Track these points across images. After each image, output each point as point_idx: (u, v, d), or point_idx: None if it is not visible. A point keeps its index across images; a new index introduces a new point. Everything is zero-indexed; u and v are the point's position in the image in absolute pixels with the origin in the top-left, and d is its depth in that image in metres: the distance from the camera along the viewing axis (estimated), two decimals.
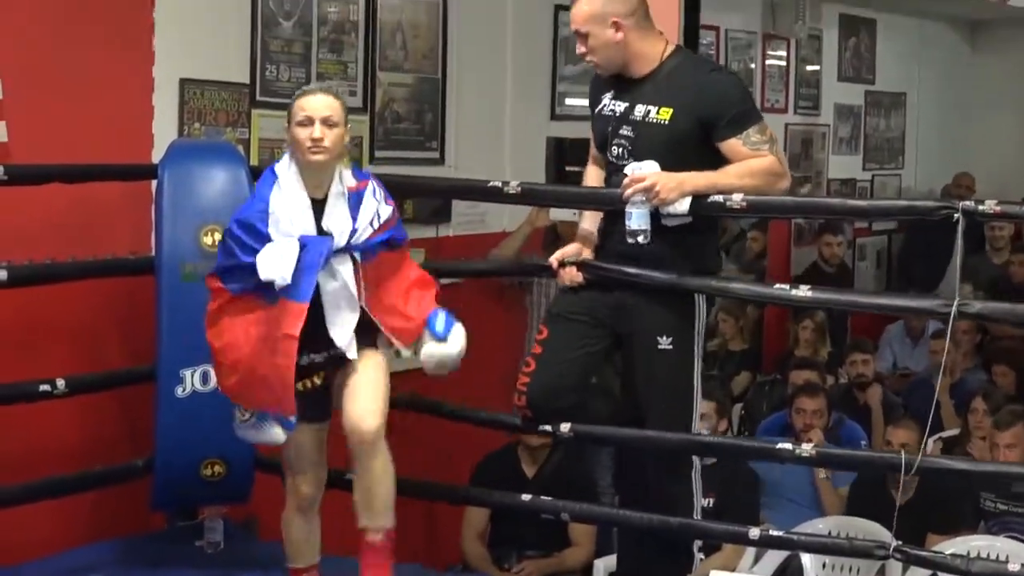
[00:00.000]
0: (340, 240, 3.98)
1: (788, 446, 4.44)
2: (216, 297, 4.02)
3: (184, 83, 5.38)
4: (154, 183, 4.82)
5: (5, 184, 4.37)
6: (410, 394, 4.86)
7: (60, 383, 4.58)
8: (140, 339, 4.86)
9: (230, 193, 4.70)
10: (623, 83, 4.40)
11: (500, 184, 4.59)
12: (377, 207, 4.08)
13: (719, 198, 4.19)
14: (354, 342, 4.03)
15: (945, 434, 7.07)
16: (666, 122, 4.26)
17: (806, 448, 4.39)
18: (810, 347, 8.43)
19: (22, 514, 4.65)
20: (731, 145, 4.21)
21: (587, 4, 4.31)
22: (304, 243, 3.92)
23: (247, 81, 5.67)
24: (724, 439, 5.38)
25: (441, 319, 4.09)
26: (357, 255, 4.04)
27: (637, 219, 4.18)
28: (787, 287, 4.27)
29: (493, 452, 6.04)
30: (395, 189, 4.32)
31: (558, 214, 5.87)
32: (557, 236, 6.68)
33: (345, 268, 4.00)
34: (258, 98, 5.68)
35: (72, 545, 4.86)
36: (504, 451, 6.01)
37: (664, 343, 4.33)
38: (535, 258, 6.51)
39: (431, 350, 4.08)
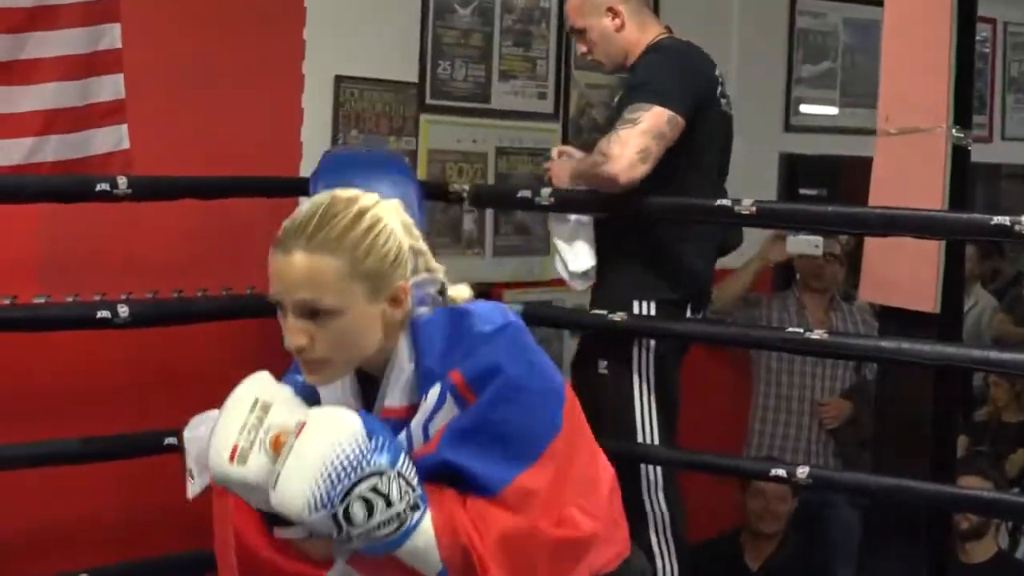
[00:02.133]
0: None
1: None
2: None
3: (340, 81, 5.43)
4: (302, 200, 4.85)
5: (128, 199, 4.40)
6: None
7: None
8: None
9: None
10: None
11: (729, 203, 4.52)
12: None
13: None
14: None
15: None
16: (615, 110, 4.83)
17: None
18: None
19: None
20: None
21: None
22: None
23: (415, 80, 5.71)
24: (1001, 495, 5.19)
25: None
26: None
27: None
28: None
29: (711, 539, 5.96)
30: (583, 209, 4.35)
31: (797, 247, 5.77)
32: (792, 273, 6.61)
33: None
34: (428, 100, 5.72)
35: None
36: (724, 539, 5.94)
37: (602, 367, 4.74)
38: (763, 300, 6.46)
39: None
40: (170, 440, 4.55)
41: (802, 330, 4.77)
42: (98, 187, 4.35)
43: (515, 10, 6.02)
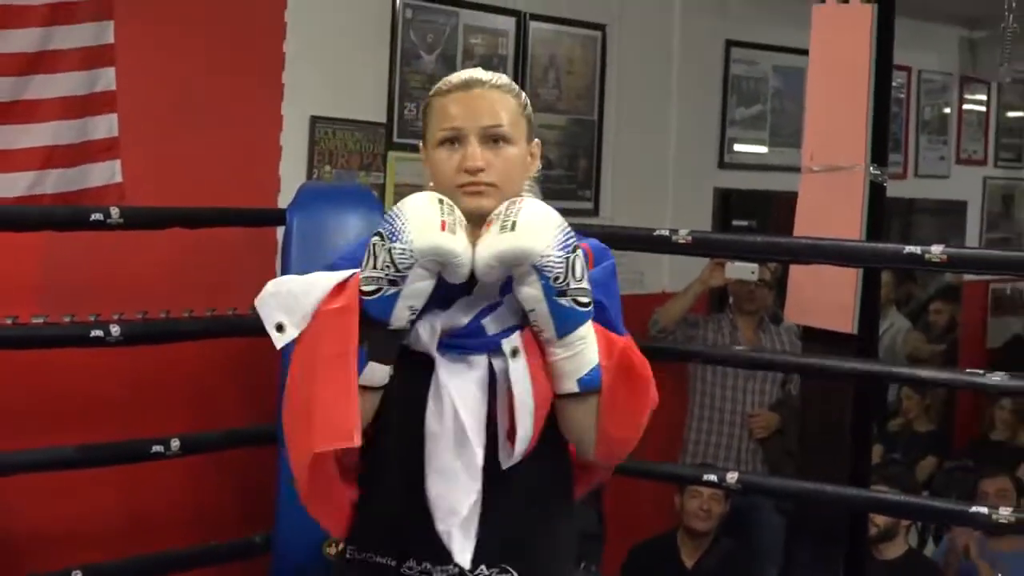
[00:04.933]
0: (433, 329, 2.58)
1: (983, 510, 4.27)
2: None
3: (315, 121, 5.41)
4: (281, 230, 4.85)
5: (120, 228, 4.38)
6: None
7: (174, 443, 4.59)
8: (262, 401, 4.87)
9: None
10: None
11: (668, 233, 4.53)
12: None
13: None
14: (468, 545, 2.54)
15: None
16: None
17: (1004, 513, 4.21)
18: (1007, 430, 8.24)
19: None
20: None
21: None
22: None
23: (383, 120, 5.69)
24: (911, 498, 5.22)
25: None
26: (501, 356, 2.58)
27: None
28: (979, 373, 4.15)
29: (649, 539, 5.96)
30: None
31: (735, 273, 5.81)
32: (726, 297, 6.63)
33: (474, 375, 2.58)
34: (395, 139, 5.70)
35: None
36: (661, 538, 5.93)
37: None
38: (700, 320, 6.48)
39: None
40: (157, 448, 4.56)
41: (735, 346, 4.79)
42: (93, 217, 4.33)
43: (475, 57, 6.01)
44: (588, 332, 2.53)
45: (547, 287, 2.48)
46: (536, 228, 2.48)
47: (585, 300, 2.51)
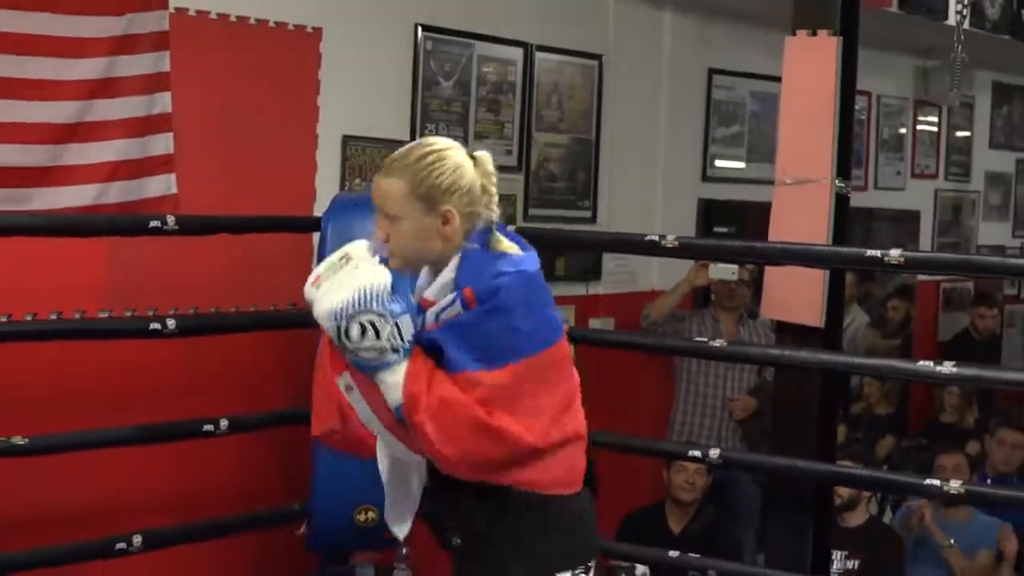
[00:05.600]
0: None
1: (936, 482, 4.29)
2: None
3: (347, 140, 5.42)
4: (316, 236, 4.86)
5: (175, 233, 4.40)
6: None
7: (223, 423, 4.60)
8: (299, 386, 4.87)
9: None
10: None
11: (657, 238, 4.55)
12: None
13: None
14: (403, 526, 3.15)
15: None
16: None
17: (954, 485, 4.23)
18: (956, 413, 8.22)
19: (183, 553, 4.69)
20: None
21: None
22: None
23: (407, 138, 5.63)
24: (871, 472, 5.23)
25: None
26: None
27: None
28: (931, 364, 4.14)
29: (640, 508, 5.96)
30: (550, 243, 4.27)
31: (717, 273, 5.82)
32: (708, 294, 6.63)
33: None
34: None
35: None
36: (652, 507, 5.94)
37: None
38: (686, 315, 6.48)
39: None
40: (208, 427, 4.57)
41: (717, 341, 4.80)
42: (151, 224, 4.36)
43: (487, 83, 6.03)
44: (387, 379, 2.83)
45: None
46: (319, 300, 2.85)
47: (368, 356, 2.81)
